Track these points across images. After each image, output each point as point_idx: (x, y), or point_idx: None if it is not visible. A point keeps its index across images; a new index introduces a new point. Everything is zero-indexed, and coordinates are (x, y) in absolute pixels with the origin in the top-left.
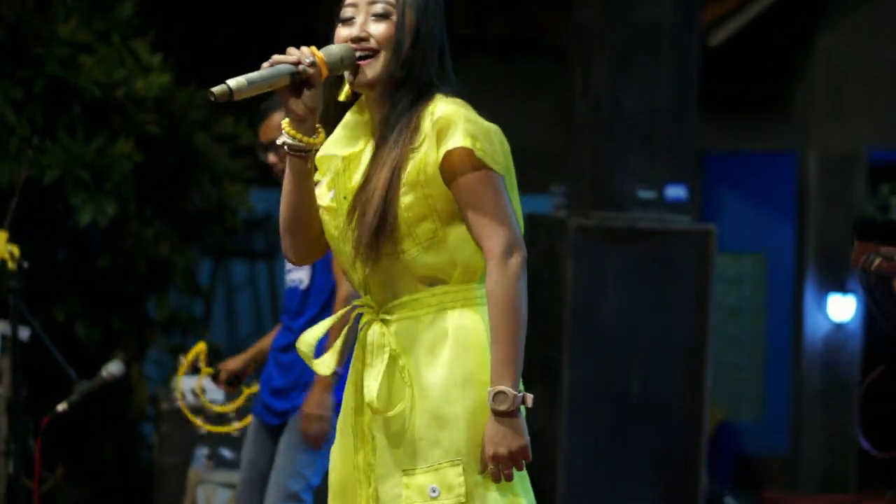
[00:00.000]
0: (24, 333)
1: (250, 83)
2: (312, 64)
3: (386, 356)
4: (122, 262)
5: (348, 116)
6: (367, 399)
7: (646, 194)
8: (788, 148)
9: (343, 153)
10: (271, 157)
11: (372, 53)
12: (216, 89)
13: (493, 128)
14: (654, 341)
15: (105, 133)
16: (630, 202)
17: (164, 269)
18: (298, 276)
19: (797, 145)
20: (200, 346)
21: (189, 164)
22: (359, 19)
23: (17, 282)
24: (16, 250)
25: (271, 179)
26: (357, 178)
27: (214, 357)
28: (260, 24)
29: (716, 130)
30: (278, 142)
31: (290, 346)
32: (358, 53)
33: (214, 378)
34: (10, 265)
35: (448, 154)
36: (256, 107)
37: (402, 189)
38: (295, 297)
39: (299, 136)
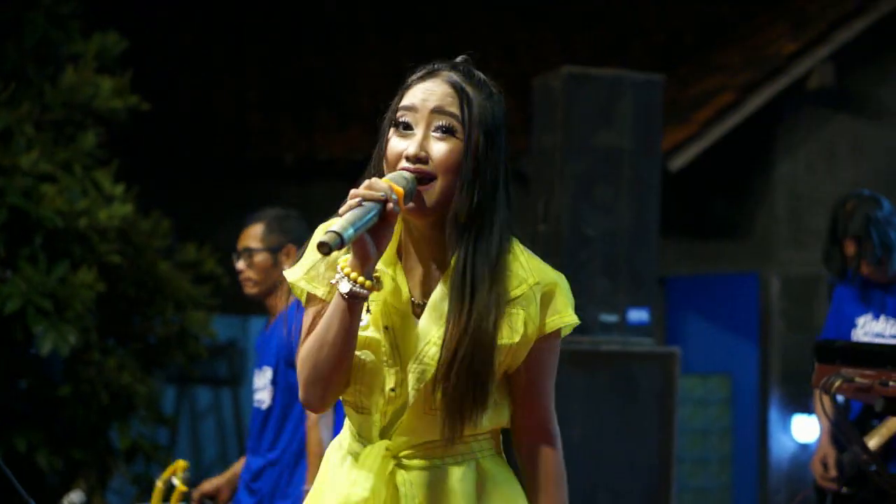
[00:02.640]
0: None
1: (356, 229)
2: (396, 200)
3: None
4: (84, 392)
5: None
6: None
7: (608, 318)
8: (750, 270)
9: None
10: (240, 264)
11: (429, 178)
12: (328, 239)
13: None
14: (619, 464)
15: (67, 262)
16: (592, 326)
17: (127, 397)
18: (261, 395)
19: (759, 267)
20: (180, 464)
21: (152, 292)
22: (418, 132)
23: None
24: None
25: (234, 306)
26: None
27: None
28: (221, 153)
29: (678, 254)
30: (338, 285)
31: (258, 472)
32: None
33: (187, 499)
34: None
35: (561, 327)
36: (218, 234)
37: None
38: (258, 418)
39: (364, 280)
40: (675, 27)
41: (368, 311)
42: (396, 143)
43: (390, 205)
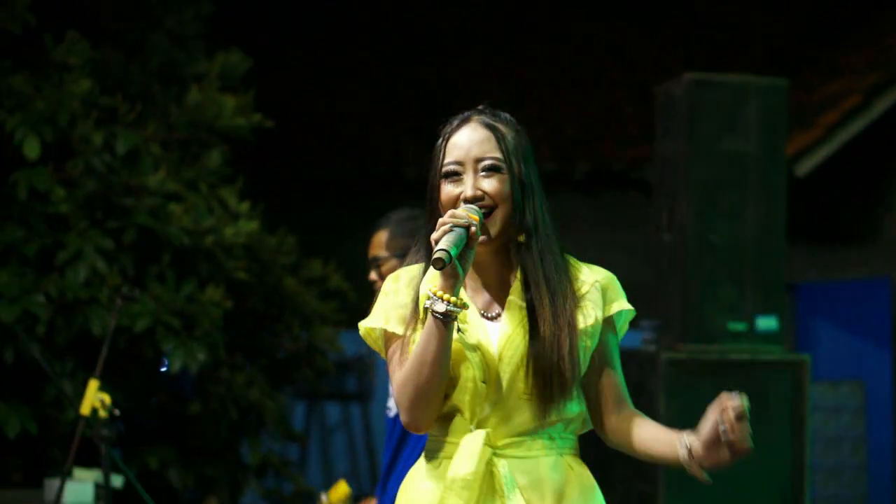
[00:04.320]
0: (117, 481)
1: (457, 248)
2: (476, 226)
3: (517, 490)
4: (214, 408)
5: None
6: None
7: (736, 326)
8: (881, 275)
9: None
10: (372, 275)
11: (490, 210)
12: (442, 255)
13: None
14: (751, 474)
15: (194, 280)
16: (720, 334)
17: (256, 413)
18: (393, 402)
19: (889, 272)
20: (344, 490)
21: (279, 308)
22: (468, 178)
23: (109, 430)
24: (107, 398)
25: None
26: (498, 327)
27: (307, 499)
28: (344, 169)
29: (807, 260)
30: (432, 307)
31: (386, 478)
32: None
33: None
34: (102, 413)
35: (619, 313)
36: (343, 249)
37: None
38: (391, 426)
39: (455, 300)
40: (797, 30)
41: (459, 329)
42: (451, 190)
43: (473, 229)
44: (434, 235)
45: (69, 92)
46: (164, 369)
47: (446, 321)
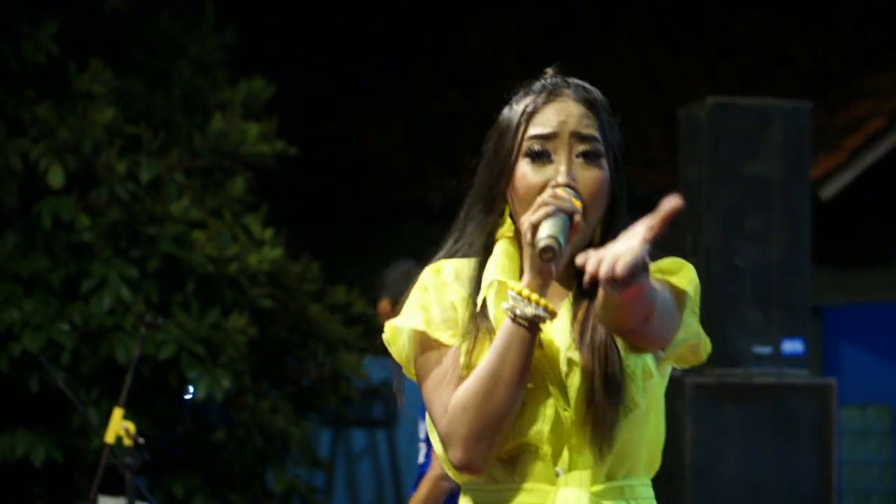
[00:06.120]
0: None
1: (564, 236)
2: (580, 214)
3: None
4: (239, 435)
5: (506, 244)
6: None
7: (762, 350)
8: None
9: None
10: None
11: (581, 207)
12: (551, 243)
13: None
14: (778, 498)
15: (219, 308)
16: (746, 358)
17: (282, 440)
18: (420, 447)
19: None
20: None
21: (303, 335)
22: (560, 161)
23: (133, 458)
24: (132, 427)
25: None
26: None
27: None
28: (368, 195)
29: (833, 284)
30: (515, 310)
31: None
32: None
33: None
34: (126, 442)
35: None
36: (367, 276)
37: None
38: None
39: (546, 303)
40: (821, 53)
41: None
42: (533, 176)
43: (577, 218)
44: (532, 218)
45: (93, 121)
46: (188, 397)
47: (532, 329)
